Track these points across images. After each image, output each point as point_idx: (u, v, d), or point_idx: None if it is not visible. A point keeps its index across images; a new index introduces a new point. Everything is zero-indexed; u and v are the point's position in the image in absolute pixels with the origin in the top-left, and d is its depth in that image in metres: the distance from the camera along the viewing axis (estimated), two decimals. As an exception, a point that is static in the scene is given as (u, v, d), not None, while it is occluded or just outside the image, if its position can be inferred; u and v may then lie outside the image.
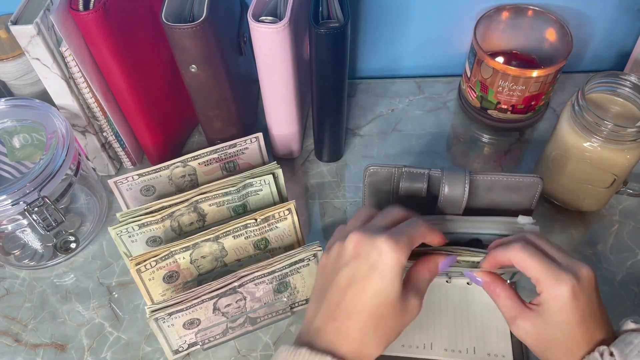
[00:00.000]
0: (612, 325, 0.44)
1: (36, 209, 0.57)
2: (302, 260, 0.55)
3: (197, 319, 0.55)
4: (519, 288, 0.60)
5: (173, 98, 0.70)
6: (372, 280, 0.42)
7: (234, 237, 0.57)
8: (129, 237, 0.58)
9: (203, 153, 0.63)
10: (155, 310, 0.52)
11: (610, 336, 0.42)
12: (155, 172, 0.62)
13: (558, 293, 0.41)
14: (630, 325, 0.43)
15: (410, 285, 0.44)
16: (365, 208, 0.49)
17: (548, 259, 0.43)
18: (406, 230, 0.44)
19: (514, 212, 0.52)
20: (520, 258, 0.43)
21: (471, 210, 0.53)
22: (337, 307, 0.42)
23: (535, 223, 0.51)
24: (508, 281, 0.56)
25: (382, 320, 0.42)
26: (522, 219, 0.51)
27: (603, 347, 0.41)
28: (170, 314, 0.52)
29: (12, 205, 0.56)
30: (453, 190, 0.51)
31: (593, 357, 0.41)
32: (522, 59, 0.74)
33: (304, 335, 0.43)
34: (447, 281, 0.60)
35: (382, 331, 0.42)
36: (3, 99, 0.62)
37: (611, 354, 0.40)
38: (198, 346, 0.58)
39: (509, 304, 0.45)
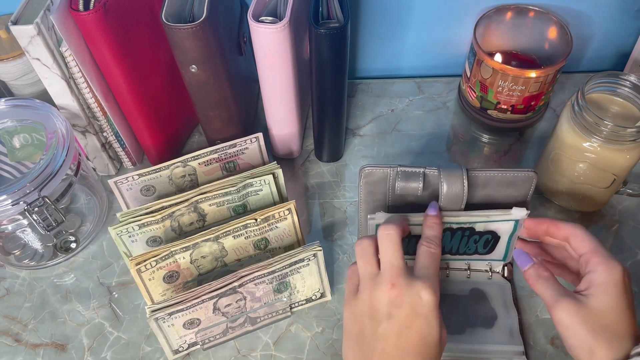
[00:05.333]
0: None
1: (36, 209, 0.57)
2: (302, 260, 0.55)
3: (197, 319, 0.55)
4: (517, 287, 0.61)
5: (173, 98, 0.70)
6: (419, 327, 0.43)
7: (234, 237, 0.57)
8: (129, 237, 0.58)
9: (203, 153, 0.63)
10: (156, 310, 0.52)
11: None
12: (155, 172, 0.62)
13: (612, 275, 0.43)
14: None
15: None
16: (364, 243, 0.49)
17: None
18: (431, 267, 0.46)
19: (509, 206, 0.53)
20: (579, 234, 0.46)
21: (468, 206, 0.53)
22: (390, 358, 0.43)
23: (529, 215, 0.52)
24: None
25: (436, 355, 0.43)
26: (516, 212, 0.52)
27: None
28: (170, 314, 0.52)
29: (13, 205, 0.56)
30: (452, 188, 0.51)
31: None
32: (522, 59, 0.74)
33: None
34: (446, 275, 0.60)
35: None
36: (3, 99, 0.62)
37: None
38: (198, 346, 0.58)
39: (552, 289, 0.45)
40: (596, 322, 0.42)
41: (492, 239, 0.55)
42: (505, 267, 0.59)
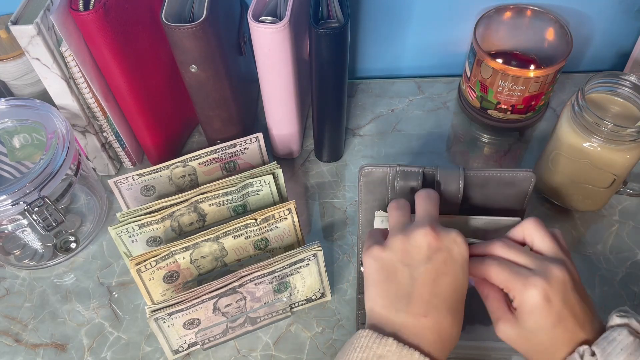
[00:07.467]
0: (601, 321, 0.44)
1: (36, 209, 0.57)
2: (302, 260, 0.55)
3: (197, 319, 0.55)
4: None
5: (173, 98, 0.70)
6: (457, 273, 0.43)
7: (234, 237, 0.57)
8: (129, 237, 0.58)
9: (203, 153, 0.63)
10: (156, 310, 0.52)
11: (597, 333, 0.42)
12: (155, 172, 0.62)
13: (527, 297, 0.42)
14: (615, 320, 0.42)
15: None
16: (400, 200, 0.49)
17: (517, 266, 0.43)
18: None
19: (507, 207, 0.53)
20: (492, 274, 0.44)
21: (465, 206, 0.53)
22: (427, 303, 0.42)
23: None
24: None
25: (462, 311, 0.44)
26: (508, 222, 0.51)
27: (584, 348, 0.41)
28: (170, 314, 0.52)
29: (12, 205, 0.56)
30: (448, 187, 0.51)
31: (572, 358, 0.41)
32: (522, 59, 0.74)
33: (384, 324, 0.42)
34: None
35: (461, 320, 0.44)
36: (3, 99, 0.62)
37: (592, 354, 0.40)
38: (198, 346, 0.58)
39: (495, 306, 0.45)
40: (528, 340, 0.43)
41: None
42: None
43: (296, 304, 0.60)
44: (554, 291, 0.41)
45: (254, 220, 0.56)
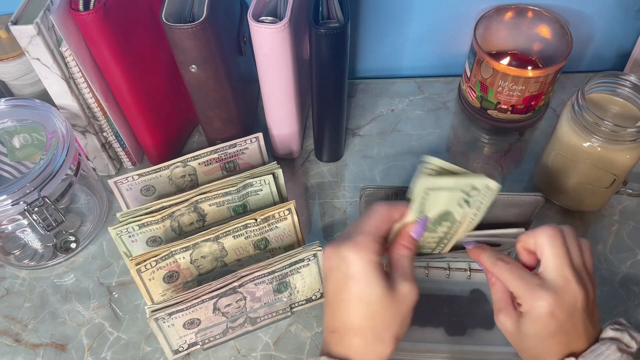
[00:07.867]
0: (600, 329, 0.44)
1: (36, 209, 0.57)
2: (302, 260, 0.55)
3: (197, 319, 0.55)
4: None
5: (173, 98, 0.70)
6: (349, 288, 0.43)
7: (234, 237, 0.57)
8: (129, 237, 0.58)
9: (203, 153, 0.63)
10: (156, 310, 0.52)
11: (591, 344, 0.42)
12: (155, 172, 0.62)
13: (533, 309, 0.42)
14: (608, 332, 0.42)
15: (394, 272, 0.44)
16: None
17: (529, 274, 0.43)
18: (362, 226, 0.44)
19: (512, 222, 0.52)
20: (502, 277, 0.44)
21: None
22: (332, 319, 0.44)
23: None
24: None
25: (377, 320, 0.43)
26: (515, 232, 0.51)
27: (570, 359, 0.41)
28: (170, 314, 0.52)
29: (12, 205, 0.56)
30: None
31: None
32: (522, 59, 0.74)
33: (323, 342, 0.46)
34: (447, 276, 0.60)
35: (382, 329, 0.43)
36: (3, 99, 0.62)
37: None
38: (198, 346, 0.58)
39: (500, 296, 0.45)
40: (521, 341, 0.44)
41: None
42: None
43: (296, 304, 0.60)
44: (560, 308, 0.41)
45: (254, 220, 0.56)
